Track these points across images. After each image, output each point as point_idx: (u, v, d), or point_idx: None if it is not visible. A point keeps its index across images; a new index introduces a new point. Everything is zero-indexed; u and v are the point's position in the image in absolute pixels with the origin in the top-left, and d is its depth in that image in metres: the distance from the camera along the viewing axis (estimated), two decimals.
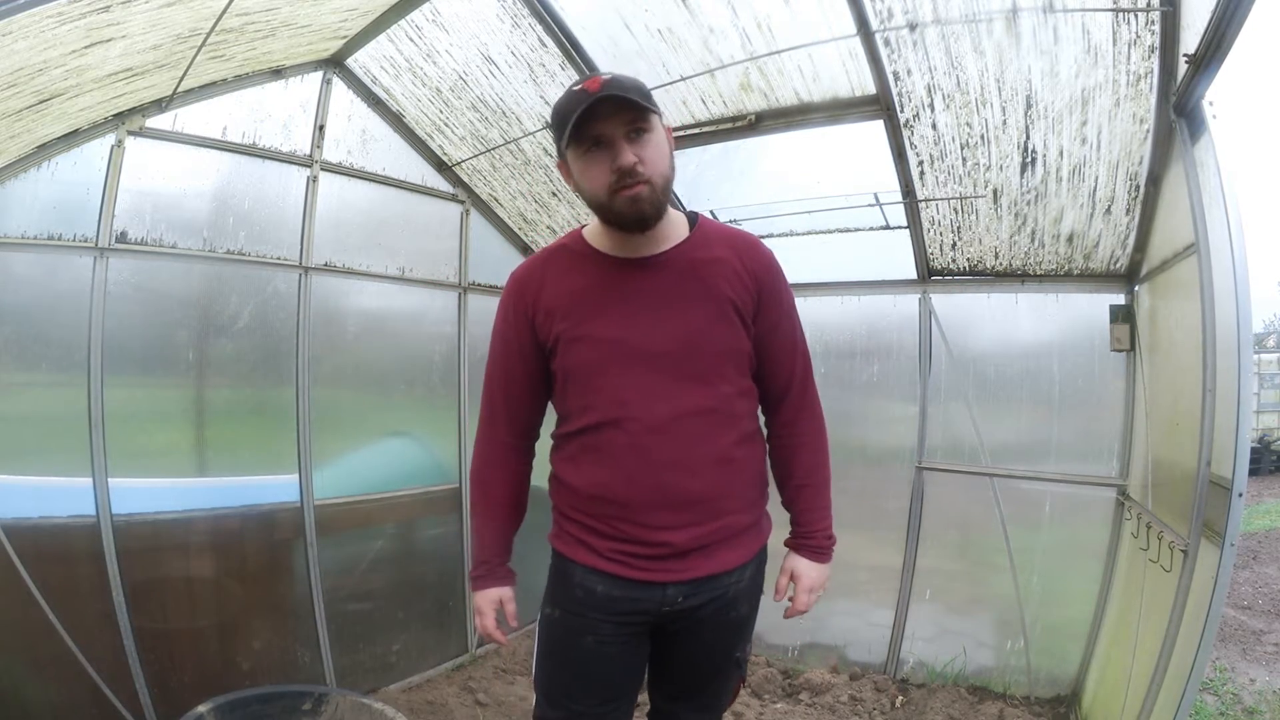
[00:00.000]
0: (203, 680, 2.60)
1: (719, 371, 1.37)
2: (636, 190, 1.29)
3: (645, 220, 1.33)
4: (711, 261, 1.40)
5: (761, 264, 1.45)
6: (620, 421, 1.34)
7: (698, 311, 1.37)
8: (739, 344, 1.41)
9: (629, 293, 1.37)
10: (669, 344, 1.35)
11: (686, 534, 1.36)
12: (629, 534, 1.37)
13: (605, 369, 1.35)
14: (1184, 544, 2.07)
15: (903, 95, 2.56)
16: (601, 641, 1.42)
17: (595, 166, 1.30)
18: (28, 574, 2.30)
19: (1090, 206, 2.69)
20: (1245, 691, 3.63)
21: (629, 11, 2.62)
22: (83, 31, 1.86)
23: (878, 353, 3.52)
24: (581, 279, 1.40)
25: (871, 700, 3.16)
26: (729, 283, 1.39)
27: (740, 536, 1.43)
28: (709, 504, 1.37)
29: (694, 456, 1.34)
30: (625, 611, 1.40)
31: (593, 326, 1.37)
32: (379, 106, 3.21)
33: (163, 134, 2.61)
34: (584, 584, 1.41)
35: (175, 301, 2.72)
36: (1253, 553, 6.34)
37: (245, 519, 2.86)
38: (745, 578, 1.46)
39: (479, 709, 3.10)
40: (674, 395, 1.34)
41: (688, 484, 1.34)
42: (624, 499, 1.35)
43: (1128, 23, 2.09)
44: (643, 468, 1.33)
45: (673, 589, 1.38)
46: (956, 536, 3.33)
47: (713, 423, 1.36)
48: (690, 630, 1.45)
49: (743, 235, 1.52)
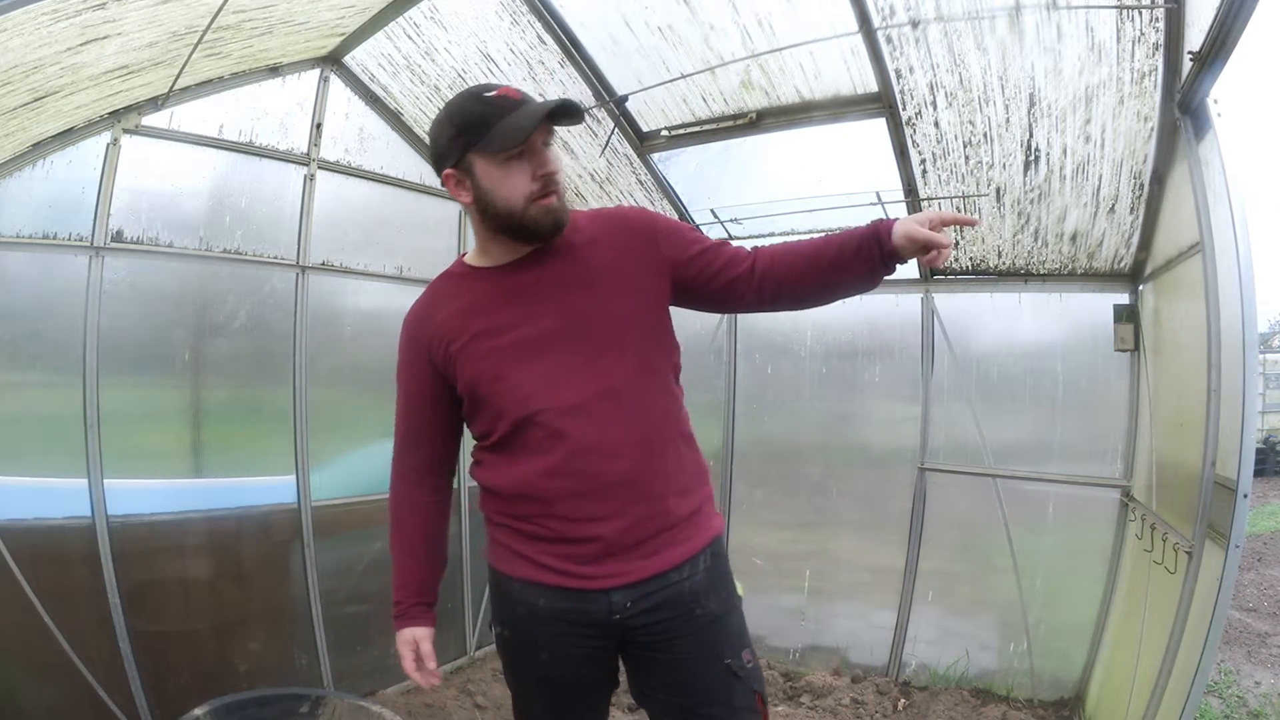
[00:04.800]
0: (199, 683, 2.58)
1: (622, 347, 1.33)
2: (551, 199, 1.30)
3: (560, 227, 1.32)
4: (589, 243, 1.37)
5: (639, 220, 1.42)
6: (533, 416, 1.30)
7: (586, 292, 1.34)
8: (638, 316, 1.36)
9: (510, 291, 1.35)
10: (564, 330, 1.32)
11: (615, 525, 1.29)
12: (556, 531, 1.31)
13: (505, 370, 1.32)
14: (1188, 546, 2.06)
15: (905, 93, 2.54)
16: (556, 658, 1.37)
17: (515, 175, 1.28)
18: (22, 576, 2.28)
19: (1094, 205, 2.67)
20: (1250, 694, 3.61)
21: (629, 8, 2.60)
22: (78, 29, 1.84)
23: (879, 353, 3.50)
24: (467, 296, 1.38)
25: (874, 703, 3.14)
26: (616, 255, 1.37)
27: (681, 528, 1.35)
28: (633, 487, 1.30)
29: (610, 437, 1.29)
30: (573, 623, 1.34)
31: (487, 333, 1.34)
32: (377, 104, 3.20)
33: (159, 132, 2.60)
34: (523, 599, 1.36)
35: (171, 301, 2.70)
36: (1258, 554, 6.32)
37: (242, 520, 2.84)
38: (699, 570, 1.36)
39: (478, 711, 3.08)
40: (578, 380, 1.30)
41: (607, 467, 1.29)
42: (545, 492, 1.30)
43: (1132, 20, 2.07)
44: (563, 456, 1.28)
45: (617, 595, 1.31)
46: (959, 538, 3.31)
47: (625, 401, 1.31)
48: (660, 647, 1.35)
49: (609, 210, 1.49)
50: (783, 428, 3.73)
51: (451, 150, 1.30)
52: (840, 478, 3.56)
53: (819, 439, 3.66)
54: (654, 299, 1.39)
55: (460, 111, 1.30)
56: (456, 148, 1.29)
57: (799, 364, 3.69)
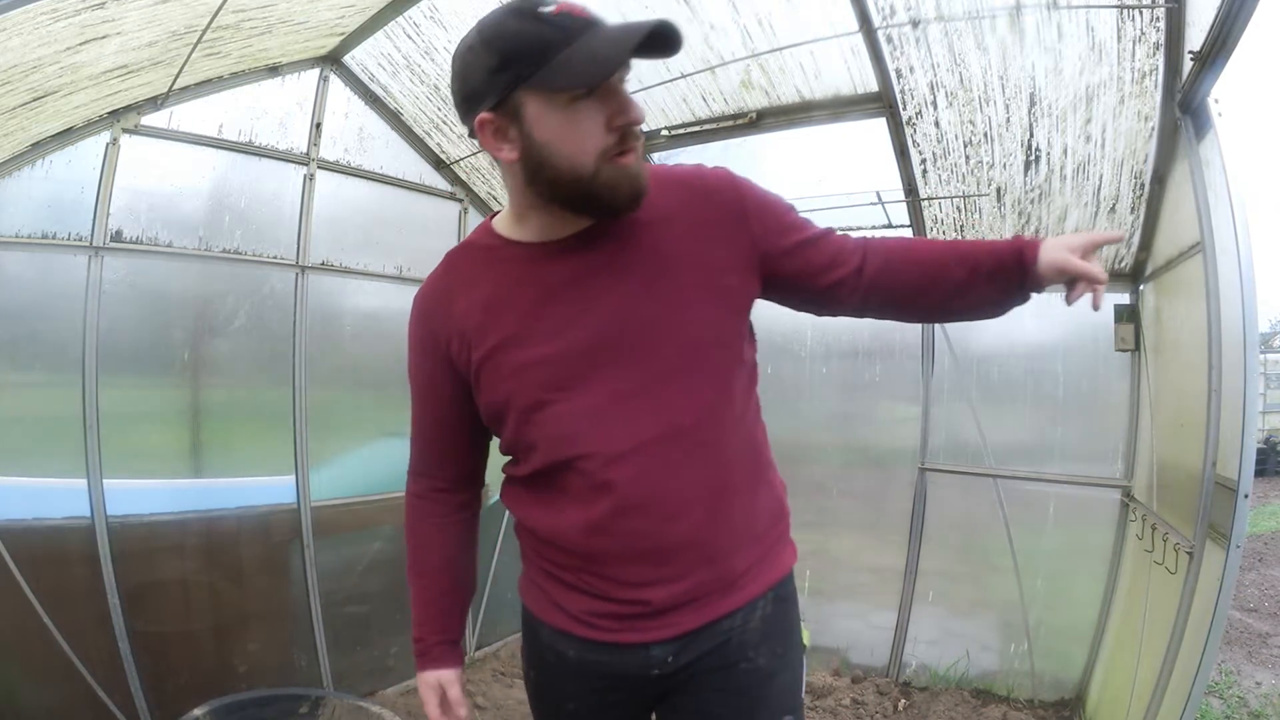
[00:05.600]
0: (199, 683, 2.58)
1: (693, 371, 1.03)
2: (630, 158, 0.96)
3: (640, 196, 0.99)
4: (661, 221, 1.03)
5: (726, 189, 1.09)
6: (573, 462, 1.02)
7: (651, 291, 1.02)
8: (719, 327, 1.06)
9: (552, 284, 1.03)
10: (615, 341, 1.01)
11: (669, 590, 1.05)
12: (596, 589, 1.07)
13: (540, 396, 1.03)
14: (1189, 546, 2.05)
15: (905, 93, 2.54)
16: (582, 710, 1.17)
17: (586, 122, 0.93)
18: (22, 576, 2.28)
19: (1094, 205, 2.67)
20: (1251, 695, 3.60)
21: (629, 7, 2.59)
22: (77, 28, 1.84)
23: (880, 353, 3.50)
24: (495, 282, 1.06)
25: (874, 704, 3.13)
26: (693, 241, 1.04)
27: (742, 578, 1.09)
28: (695, 550, 1.05)
29: (670, 493, 1.02)
30: (604, 676, 1.12)
31: (519, 340, 1.03)
32: (376, 104, 3.19)
33: (158, 132, 2.59)
34: (553, 646, 1.15)
35: (171, 301, 2.70)
36: (1258, 555, 6.31)
37: (241, 520, 2.84)
38: (755, 618, 1.10)
39: (478, 712, 3.08)
40: (635, 414, 1.01)
41: (664, 528, 1.02)
42: (585, 549, 1.05)
43: (1132, 19, 2.06)
44: (608, 512, 1.02)
45: (658, 649, 1.07)
46: (959, 538, 3.31)
47: (694, 442, 1.03)
48: (693, 695, 1.11)
49: (688, 171, 1.11)
50: (783, 428, 3.72)
51: (492, 87, 0.93)
52: (840, 478, 3.56)
53: (819, 439, 3.65)
54: (740, 301, 1.10)
55: (505, 33, 0.92)
56: (500, 83, 0.92)
57: (799, 364, 3.68)
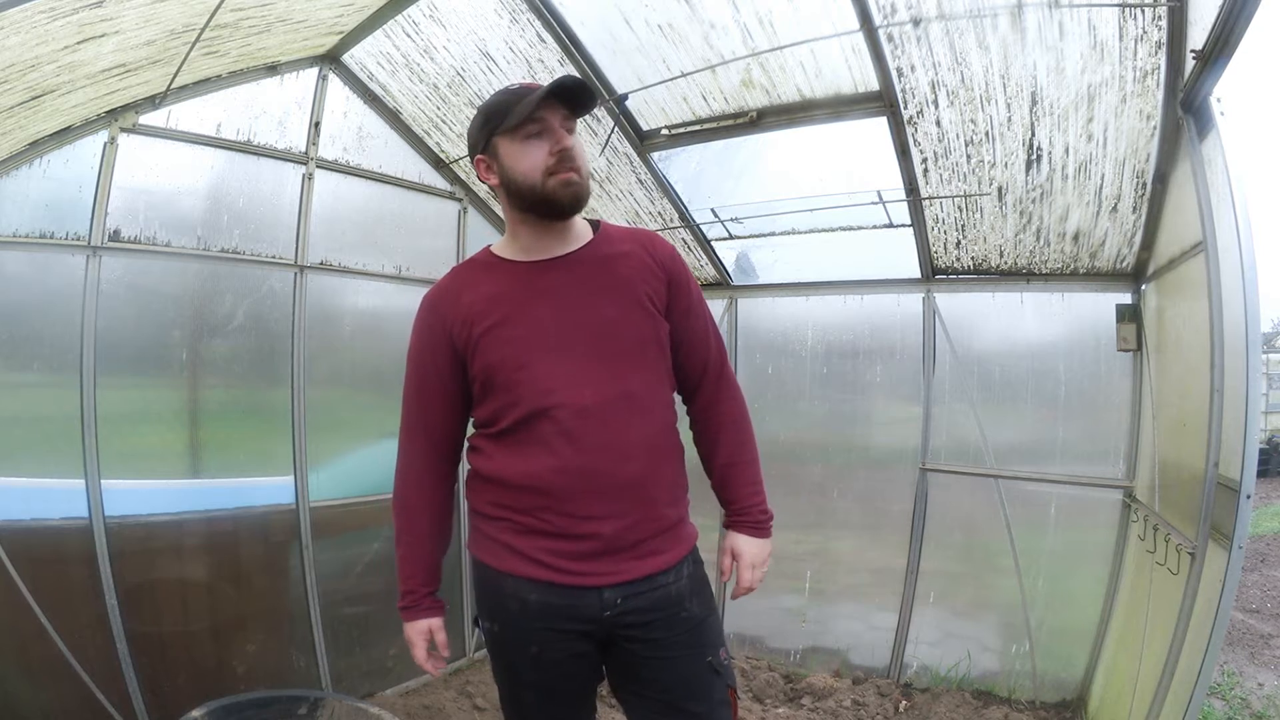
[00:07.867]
0: (197, 684, 2.57)
1: (639, 358, 1.42)
2: (569, 174, 1.38)
3: (579, 201, 1.41)
4: (620, 256, 1.47)
5: (666, 254, 1.52)
6: (548, 410, 1.36)
7: (613, 301, 1.43)
8: (655, 332, 1.45)
9: (544, 289, 1.43)
10: (589, 332, 1.40)
11: (614, 524, 1.36)
12: (557, 527, 1.37)
13: (528, 360, 1.38)
14: (1191, 547, 2.04)
15: (906, 92, 2.53)
16: (546, 651, 1.42)
17: (533, 151, 1.38)
18: (19, 577, 2.27)
19: (1096, 204, 2.66)
20: (1253, 696, 3.59)
21: (629, 6, 2.59)
22: (75, 27, 1.83)
23: (881, 353, 3.49)
24: (496, 285, 1.45)
25: (875, 705, 3.12)
26: (639, 274, 1.46)
27: (668, 534, 1.44)
28: (637, 490, 1.38)
29: (623, 440, 1.37)
30: (565, 618, 1.39)
31: (512, 321, 1.41)
32: (375, 103, 3.18)
33: (156, 131, 2.59)
34: (516, 594, 1.41)
35: (169, 301, 2.70)
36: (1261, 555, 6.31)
37: (240, 521, 2.83)
38: (684, 575, 1.46)
39: (477, 713, 3.07)
40: (599, 380, 1.37)
41: (618, 469, 1.36)
42: (553, 487, 1.36)
43: (1134, 18, 2.06)
44: (573, 454, 1.35)
45: (609, 592, 1.38)
46: (961, 539, 3.30)
47: (638, 407, 1.40)
48: (649, 645, 1.42)
49: (644, 231, 1.58)
50: (783, 428, 3.71)
51: (481, 137, 1.43)
52: (841, 478, 3.55)
53: (820, 439, 3.64)
54: (663, 325, 1.48)
55: (489, 105, 1.44)
56: (485, 134, 1.42)
57: (800, 364, 3.68)
